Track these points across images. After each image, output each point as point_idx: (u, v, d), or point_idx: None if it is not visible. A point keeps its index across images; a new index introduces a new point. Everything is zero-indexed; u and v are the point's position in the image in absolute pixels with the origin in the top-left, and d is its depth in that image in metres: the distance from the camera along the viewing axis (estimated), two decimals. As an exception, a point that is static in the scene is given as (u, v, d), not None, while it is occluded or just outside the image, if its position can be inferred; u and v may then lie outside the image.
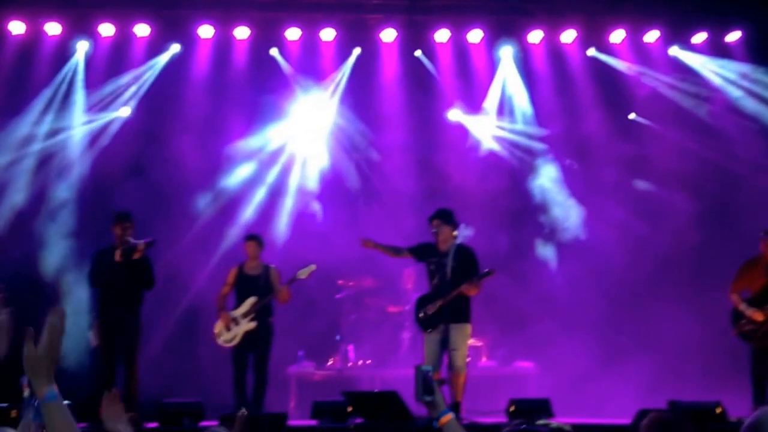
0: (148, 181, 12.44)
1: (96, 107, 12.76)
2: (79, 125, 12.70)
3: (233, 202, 12.84)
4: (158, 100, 12.81)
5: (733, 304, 9.79)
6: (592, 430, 8.81)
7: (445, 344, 9.28)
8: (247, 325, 10.29)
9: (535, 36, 13.07)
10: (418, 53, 13.18)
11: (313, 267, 10.34)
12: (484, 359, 12.19)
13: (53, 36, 12.51)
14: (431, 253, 9.63)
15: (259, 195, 12.95)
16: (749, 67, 13.06)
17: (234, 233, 12.38)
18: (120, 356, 9.83)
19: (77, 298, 11.58)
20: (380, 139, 13.21)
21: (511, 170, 13.39)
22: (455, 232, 9.49)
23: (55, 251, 12.08)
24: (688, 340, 11.82)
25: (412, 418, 8.88)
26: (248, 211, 12.81)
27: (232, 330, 10.33)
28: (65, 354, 11.31)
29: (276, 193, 13.01)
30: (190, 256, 12.37)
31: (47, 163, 12.49)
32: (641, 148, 13.18)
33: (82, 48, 12.65)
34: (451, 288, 9.30)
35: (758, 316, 9.48)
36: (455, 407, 9.07)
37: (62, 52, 12.64)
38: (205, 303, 11.58)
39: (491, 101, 13.37)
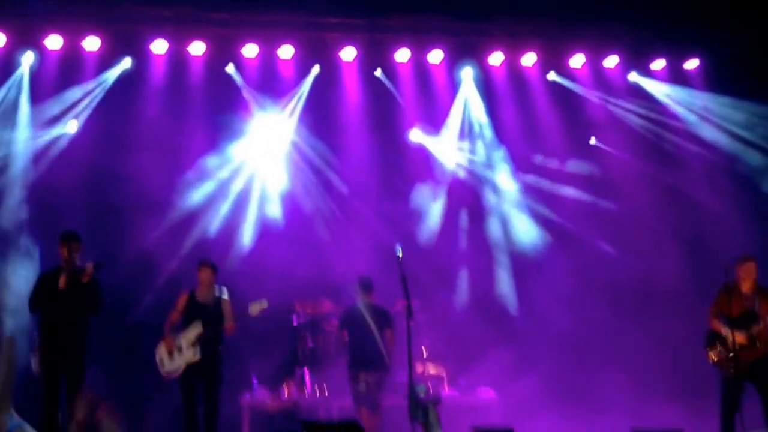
0: (98, 199, 12.03)
1: (43, 122, 12.23)
2: (25, 141, 12.17)
3: (188, 222, 12.38)
4: (110, 116, 12.34)
5: (713, 328, 9.60)
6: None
7: None
8: (190, 357, 9.78)
9: (496, 58, 12.96)
10: (378, 73, 12.93)
11: (264, 304, 9.93)
12: (445, 388, 11.88)
13: (-3, 47, 12.04)
14: None
15: (216, 215, 12.56)
16: (707, 95, 13.11)
17: (187, 255, 11.93)
18: (63, 384, 9.27)
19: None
20: (340, 158, 12.99)
21: (472, 191, 13.28)
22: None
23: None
24: (655, 365, 11.77)
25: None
26: (203, 232, 12.41)
27: (174, 360, 9.82)
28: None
29: (233, 214, 12.63)
30: (138, 276, 11.91)
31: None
32: (601, 172, 13.21)
33: (27, 60, 12.12)
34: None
35: (742, 338, 9.33)
36: None
37: (7, 65, 12.13)
38: (151, 327, 10.92)
39: (452, 122, 13.23)
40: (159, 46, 12.23)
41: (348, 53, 12.64)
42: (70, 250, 9.33)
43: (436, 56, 12.86)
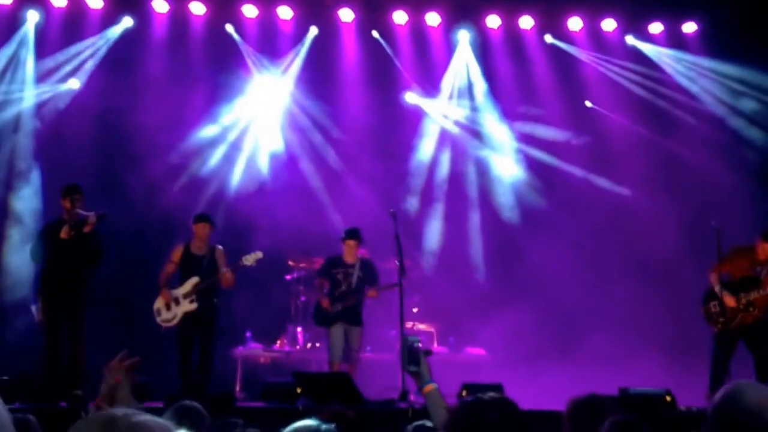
0: (101, 153, 12.27)
1: (49, 78, 12.50)
2: (30, 96, 12.45)
3: (186, 179, 12.63)
4: (113, 73, 12.55)
5: (710, 282, 9.68)
6: (539, 416, 8.79)
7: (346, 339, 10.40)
8: (187, 306, 9.91)
9: (493, 21, 13.04)
10: (375, 34, 13.05)
11: (259, 254, 9.97)
12: (435, 345, 12.10)
13: (4, 5, 12.29)
14: (338, 265, 10.67)
15: (213, 169, 12.83)
16: (705, 60, 13.12)
17: (186, 211, 12.06)
18: (65, 333, 9.43)
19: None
20: (336, 119, 13.11)
21: (466, 154, 13.36)
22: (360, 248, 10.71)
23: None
24: (645, 326, 11.86)
25: (363, 401, 8.76)
26: (200, 185, 12.65)
27: (171, 309, 9.96)
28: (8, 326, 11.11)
29: (231, 170, 12.83)
30: (141, 228, 12.12)
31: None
32: (597, 135, 13.27)
33: (32, 18, 12.39)
34: (357, 293, 10.47)
35: (731, 302, 9.42)
36: None
37: (13, 22, 12.40)
38: (151, 277, 11.22)
39: (448, 84, 13.33)
40: (160, 6, 12.46)
41: (346, 15, 12.78)
42: (73, 202, 9.40)
43: (433, 19, 12.96)
